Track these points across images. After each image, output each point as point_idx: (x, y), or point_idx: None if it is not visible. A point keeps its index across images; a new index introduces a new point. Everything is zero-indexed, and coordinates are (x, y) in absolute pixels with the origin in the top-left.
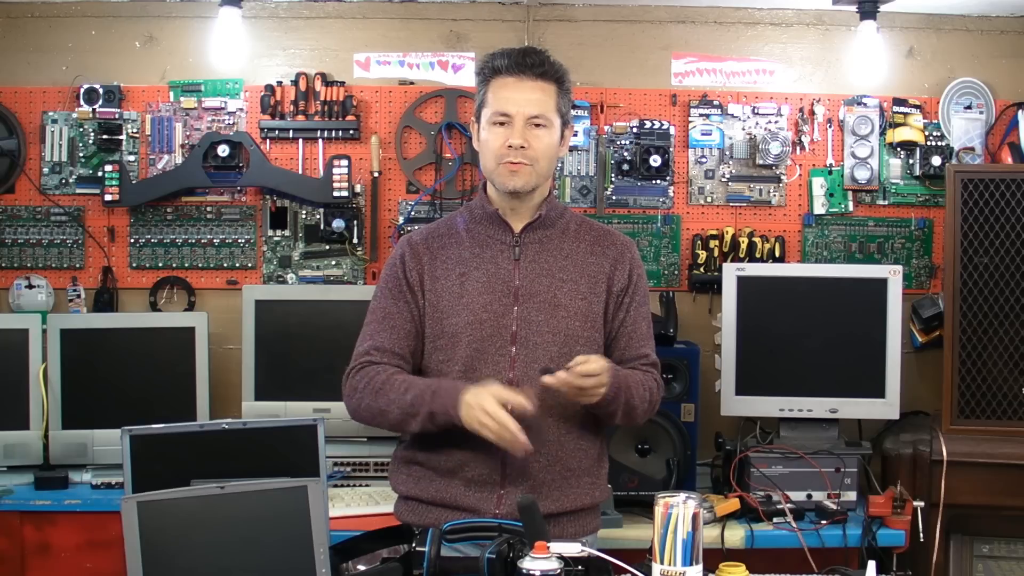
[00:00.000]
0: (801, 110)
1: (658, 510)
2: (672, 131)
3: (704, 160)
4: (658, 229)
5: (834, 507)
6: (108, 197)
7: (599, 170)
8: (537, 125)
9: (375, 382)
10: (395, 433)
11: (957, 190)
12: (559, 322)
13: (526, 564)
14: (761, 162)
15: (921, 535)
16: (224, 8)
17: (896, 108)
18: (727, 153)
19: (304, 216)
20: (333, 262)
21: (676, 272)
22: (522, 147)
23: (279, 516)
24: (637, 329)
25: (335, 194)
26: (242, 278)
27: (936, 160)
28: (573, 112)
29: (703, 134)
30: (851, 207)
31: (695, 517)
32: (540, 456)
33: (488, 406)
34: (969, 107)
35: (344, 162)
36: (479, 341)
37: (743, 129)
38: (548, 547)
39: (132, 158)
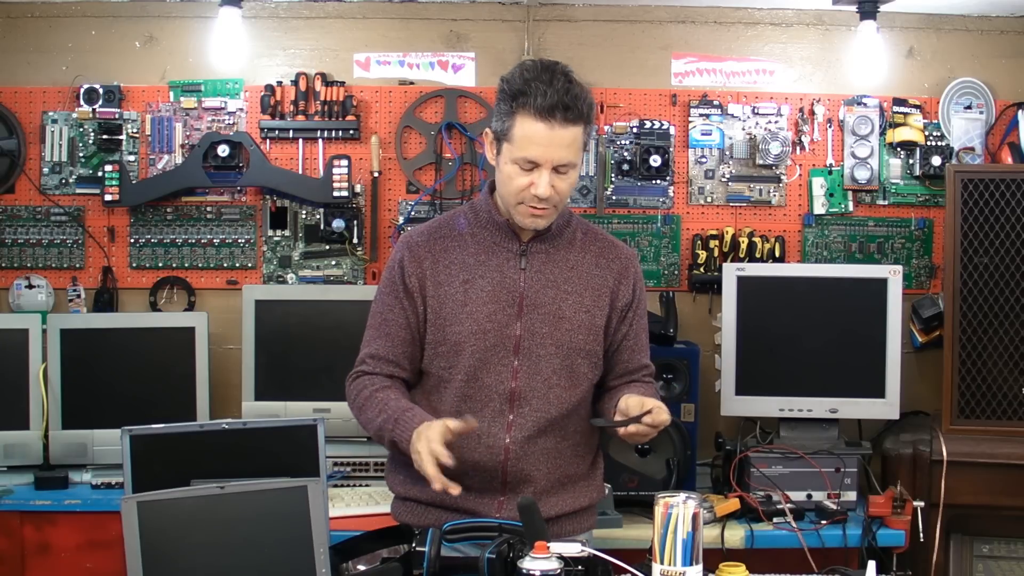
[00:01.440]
0: (801, 110)
1: (658, 510)
2: (672, 131)
3: (704, 160)
4: (658, 229)
5: (834, 507)
6: (108, 197)
7: (599, 170)
8: (563, 170)
9: (361, 396)
10: None
11: (957, 190)
12: (562, 334)
13: (526, 564)
14: (761, 162)
15: (921, 535)
16: (224, 8)
17: (896, 108)
18: (727, 153)
19: (304, 216)
20: (333, 262)
21: (676, 272)
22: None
23: (279, 516)
24: (639, 341)
25: (335, 194)
26: (242, 278)
27: (936, 160)
28: None
29: (703, 134)
30: (851, 207)
31: (695, 517)
32: (541, 466)
33: (423, 444)
34: (969, 107)
35: (344, 162)
36: (482, 351)
37: (743, 129)
38: (548, 547)
39: (132, 158)
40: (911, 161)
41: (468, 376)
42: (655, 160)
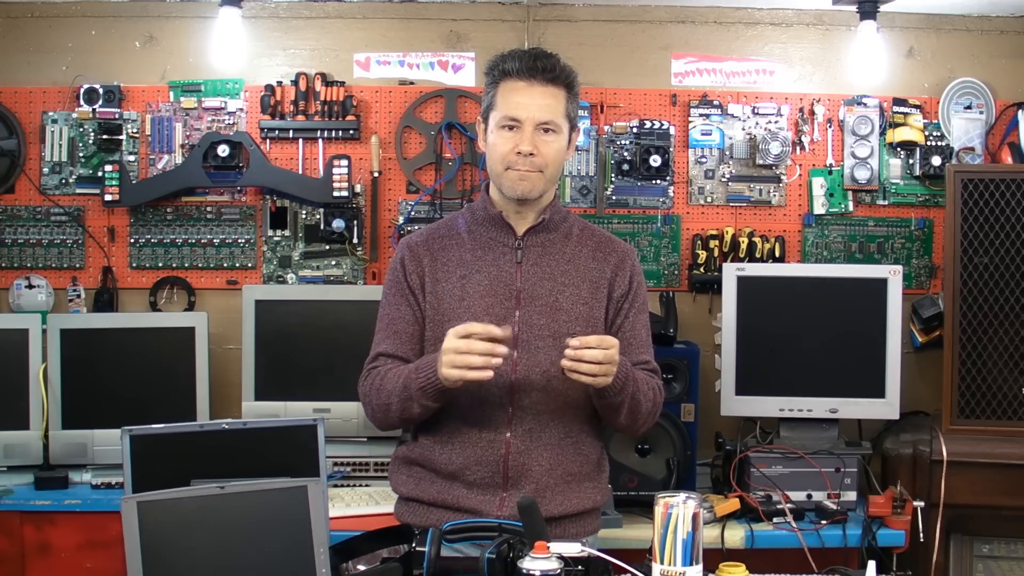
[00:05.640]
0: (801, 110)
1: (658, 510)
2: (672, 131)
3: (704, 160)
4: (658, 229)
5: (834, 507)
6: (108, 197)
7: (599, 170)
8: (546, 131)
9: (375, 382)
10: (406, 428)
11: (957, 190)
12: (560, 326)
13: (526, 564)
14: (761, 162)
15: (921, 535)
16: (224, 8)
17: (896, 108)
18: (727, 153)
19: (304, 216)
20: (333, 262)
21: (676, 272)
22: (531, 154)
23: (279, 516)
24: (636, 335)
25: (335, 194)
26: (242, 278)
27: (936, 160)
28: None
29: (703, 134)
30: (851, 207)
31: (695, 517)
32: (543, 460)
33: (452, 343)
34: (969, 107)
35: (344, 162)
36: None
37: (743, 129)
38: (548, 547)
39: (132, 158)
40: (911, 161)
41: None
42: (655, 160)
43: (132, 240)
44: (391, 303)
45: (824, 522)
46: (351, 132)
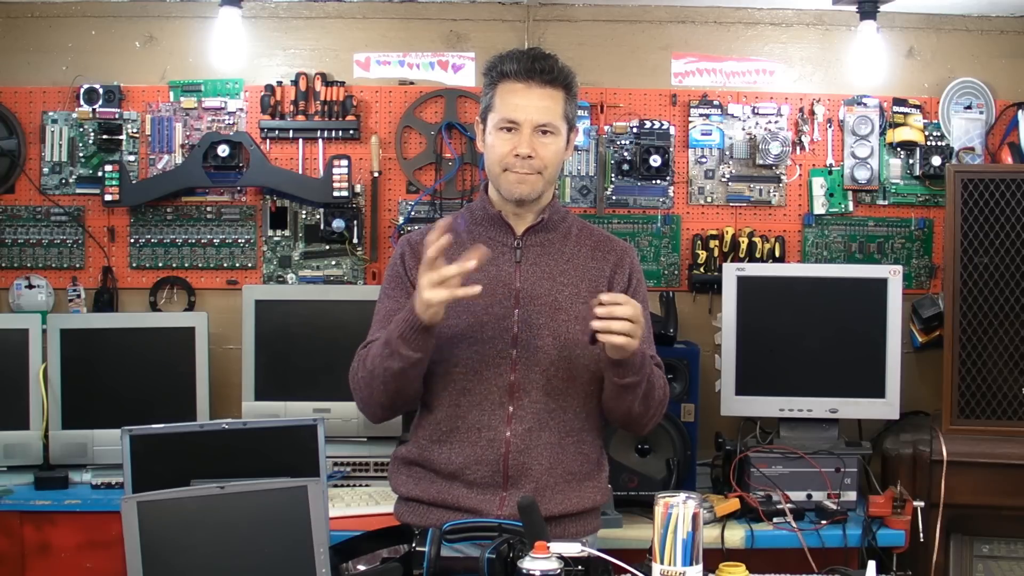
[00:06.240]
0: (801, 110)
1: (658, 510)
2: (672, 131)
3: (704, 160)
4: (658, 229)
5: (834, 507)
6: (108, 197)
7: (599, 170)
8: (545, 132)
9: (361, 356)
10: (398, 400)
11: (957, 190)
12: (560, 325)
13: (526, 564)
14: (761, 162)
15: (921, 535)
16: (224, 8)
17: (896, 108)
18: (727, 153)
19: (304, 216)
20: (333, 262)
21: (676, 272)
22: (529, 156)
23: (279, 516)
24: None
25: (335, 194)
26: (242, 278)
27: (936, 160)
28: None
29: (703, 134)
30: (851, 207)
31: (695, 517)
32: (542, 459)
33: (425, 282)
34: (969, 107)
35: (344, 162)
36: (480, 343)
37: (743, 129)
38: (548, 547)
39: (132, 158)
40: (911, 161)
41: (467, 370)
42: (655, 160)
43: (132, 240)
44: (390, 296)
45: (824, 522)
46: (351, 132)
